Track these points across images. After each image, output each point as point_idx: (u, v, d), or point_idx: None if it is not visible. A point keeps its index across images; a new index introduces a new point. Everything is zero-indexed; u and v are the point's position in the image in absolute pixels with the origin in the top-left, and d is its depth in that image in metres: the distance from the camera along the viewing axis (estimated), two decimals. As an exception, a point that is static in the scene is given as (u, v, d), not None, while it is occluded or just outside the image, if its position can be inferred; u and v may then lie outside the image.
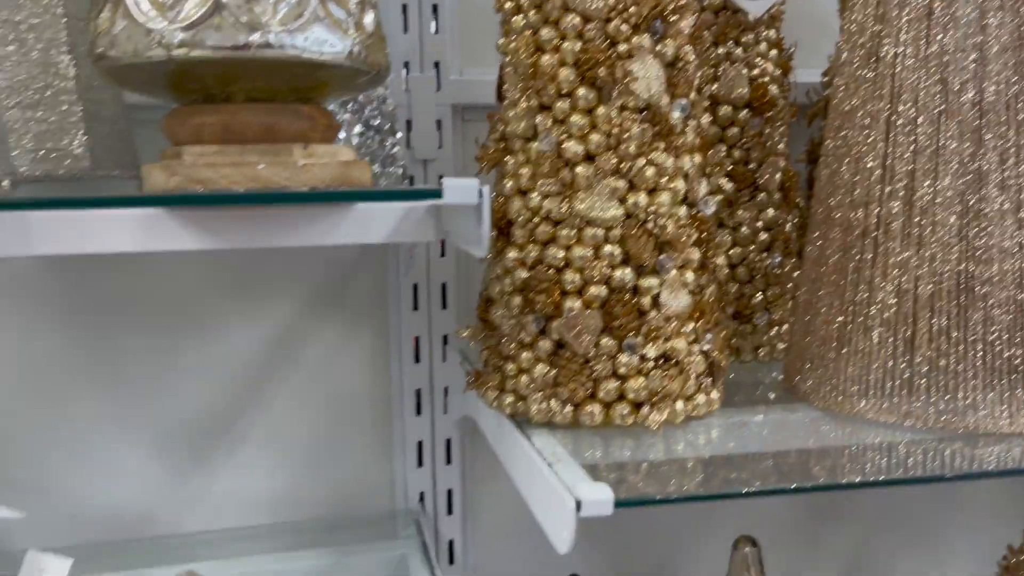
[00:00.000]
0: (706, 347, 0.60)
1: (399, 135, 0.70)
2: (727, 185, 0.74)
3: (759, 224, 0.74)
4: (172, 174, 0.47)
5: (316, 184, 0.49)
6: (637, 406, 0.57)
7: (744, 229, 0.74)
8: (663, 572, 0.93)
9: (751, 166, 0.74)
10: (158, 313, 0.79)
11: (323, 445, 0.83)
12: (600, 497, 0.45)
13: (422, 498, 0.84)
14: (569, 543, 0.46)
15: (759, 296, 0.75)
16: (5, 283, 0.75)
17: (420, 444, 0.84)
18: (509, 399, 0.59)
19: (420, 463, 0.84)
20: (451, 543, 0.85)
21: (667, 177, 0.58)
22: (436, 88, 0.80)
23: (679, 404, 0.58)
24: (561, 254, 0.57)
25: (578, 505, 0.45)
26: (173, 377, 0.80)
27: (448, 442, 0.84)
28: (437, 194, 0.44)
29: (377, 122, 0.67)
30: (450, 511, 0.85)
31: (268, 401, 0.82)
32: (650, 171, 0.57)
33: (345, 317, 0.83)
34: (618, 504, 0.46)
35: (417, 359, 0.83)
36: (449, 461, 0.84)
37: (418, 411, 0.84)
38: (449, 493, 0.85)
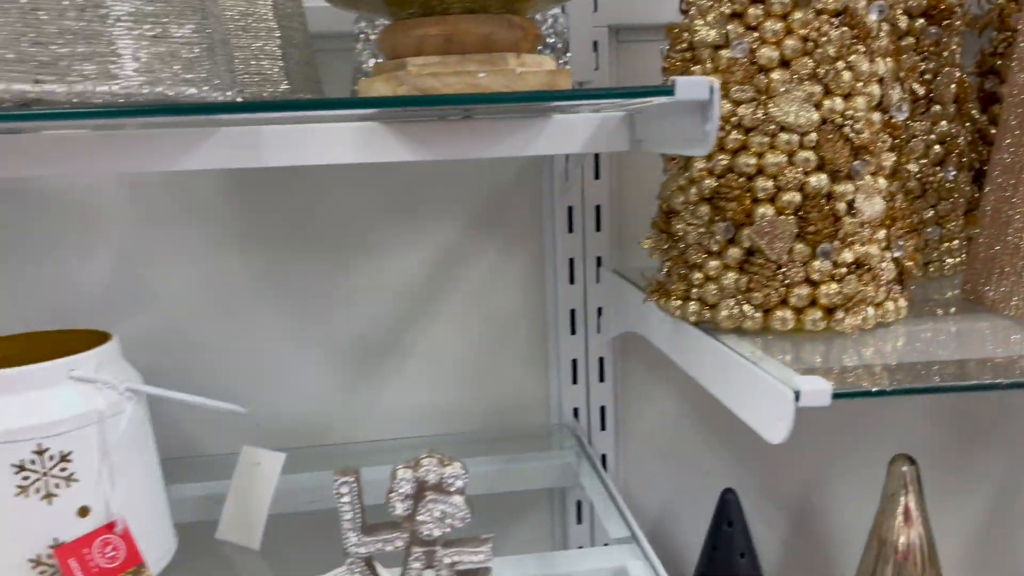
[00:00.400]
0: (897, 254, 0.59)
1: (569, 54, 0.71)
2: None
3: (932, 137, 0.73)
4: (399, 84, 0.50)
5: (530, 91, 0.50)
6: (829, 311, 0.58)
7: (918, 142, 0.72)
8: (813, 492, 0.95)
9: (926, 76, 0.72)
10: (329, 236, 0.83)
11: (482, 362, 0.87)
12: (819, 387, 0.47)
13: (576, 414, 0.87)
14: (785, 433, 0.47)
15: (930, 211, 0.74)
16: (195, 206, 0.81)
17: (574, 362, 0.87)
18: (694, 307, 0.61)
19: (574, 380, 0.87)
20: (604, 457, 0.88)
21: (862, 81, 0.57)
22: (593, 9, 0.80)
23: (870, 310, 0.58)
24: (753, 161, 0.57)
25: (796, 395, 0.47)
26: (343, 296, 0.84)
27: (601, 360, 0.87)
28: (669, 91, 0.45)
29: (552, 40, 0.68)
30: (603, 427, 0.88)
31: (430, 319, 0.86)
32: (847, 75, 0.56)
33: (502, 239, 0.86)
34: (835, 396, 0.47)
35: (572, 280, 0.85)
36: (602, 379, 0.87)
37: (572, 330, 0.86)
38: (602, 410, 0.88)
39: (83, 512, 0.51)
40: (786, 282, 0.57)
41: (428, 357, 0.87)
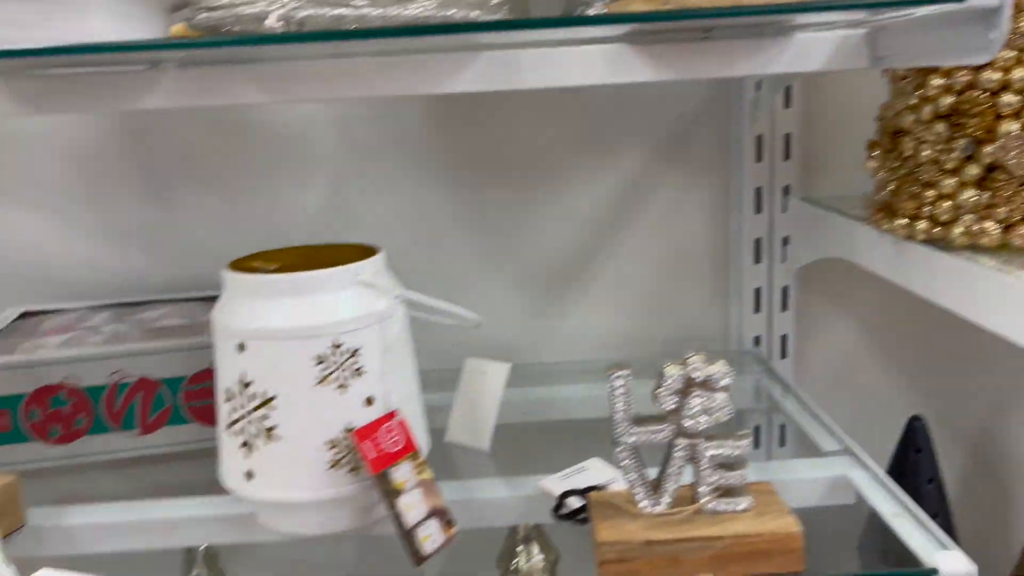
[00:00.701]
0: None
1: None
2: None
3: None
4: (663, 3, 0.52)
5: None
6: (1074, 228, 0.57)
7: None
8: (993, 423, 0.94)
9: None
10: (521, 167, 0.87)
11: (663, 289, 0.90)
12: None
13: (757, 342, 0.89)
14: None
15: None
16: (400, 138, 0.85)
17: (757, 291, 0.88)
18: (923, 225, 0.61)
19: (757, 309, 0.89)
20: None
21: (1123, -8, 0.56)
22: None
23: (1116, 227, 0.58)
24: (997, 76, 0.57)
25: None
26: (533, 224, 0.88)
27: (784, 290, 0.88)
28: (959, -3, 0.46)
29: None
30: (783, 355, 0.89)
31: (615, 247, 0.89)
32: (1108, -15, 0.55)
33: (687, 169, 0.87)
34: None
35: (758, 210, 0.86)
36: (784, 308, 0.88)
37: (756, 259, 0.87)
38: (783, 338, 0.89)
39: (369, 402, 0.56)
40: (1030, 198, 0.57)
41: (611, 284, 0.90)
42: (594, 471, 0.64)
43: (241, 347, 0.55)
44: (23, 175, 0.85)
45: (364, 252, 0.60)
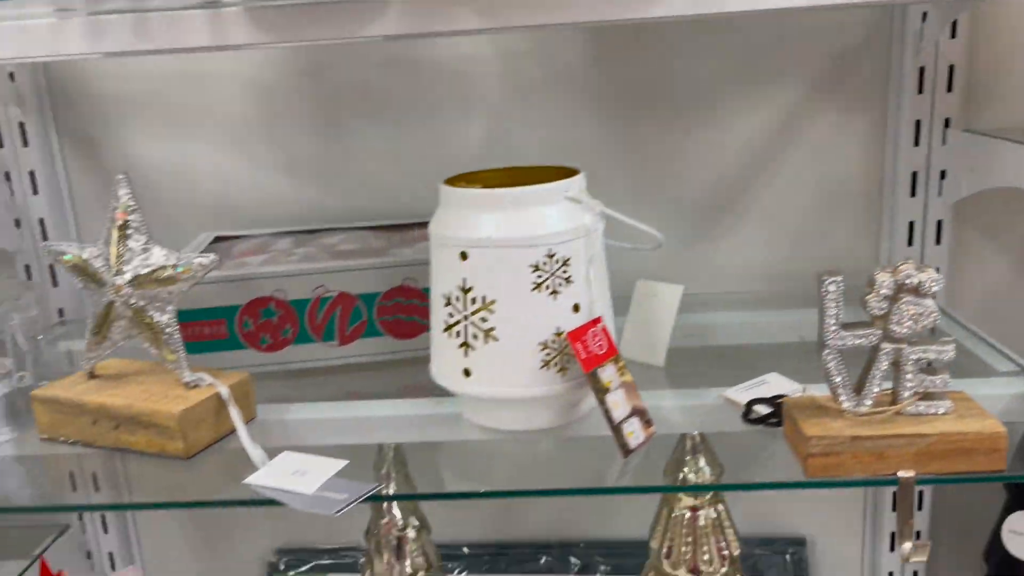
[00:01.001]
0: None
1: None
2: None
3: None
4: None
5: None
6: None
7: None
8: None
9: None
10: (675, 99, 0.89)
11: (815, 222, 0.91)
12: None
13: (908, 275, 0.90)
14: None
15: None
16: (560, 72, 0.88)
17: (911, 225, 0.89)
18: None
19: (910, 242, 0.89)
20: (932, 318, 0.91)
21: None
22: None
23: None
24: None
25: None
26: (685, 156, 0.90)
27: (939, 224, 0.89)
28: None
29: None
30: (935, 288, 0.90)
31: (767, 180, 0.91)
32: None
33: (843, 102, 0.88)
34: None
35: (916, 142, 0.87)
36: (938, 242, 0.89)
37: (912, 192, 0.88)
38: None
39: (576, 308, 0.61)
40: None
41: (762, 216, 0.92)
42: (774, 383, 0.67)
43: (463, 256, 0.60)
44: (212, 111, 0.91)
45: (560, 173, 0.64)
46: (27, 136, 0.90)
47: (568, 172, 0.64)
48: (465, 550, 1.01)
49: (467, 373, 0.62)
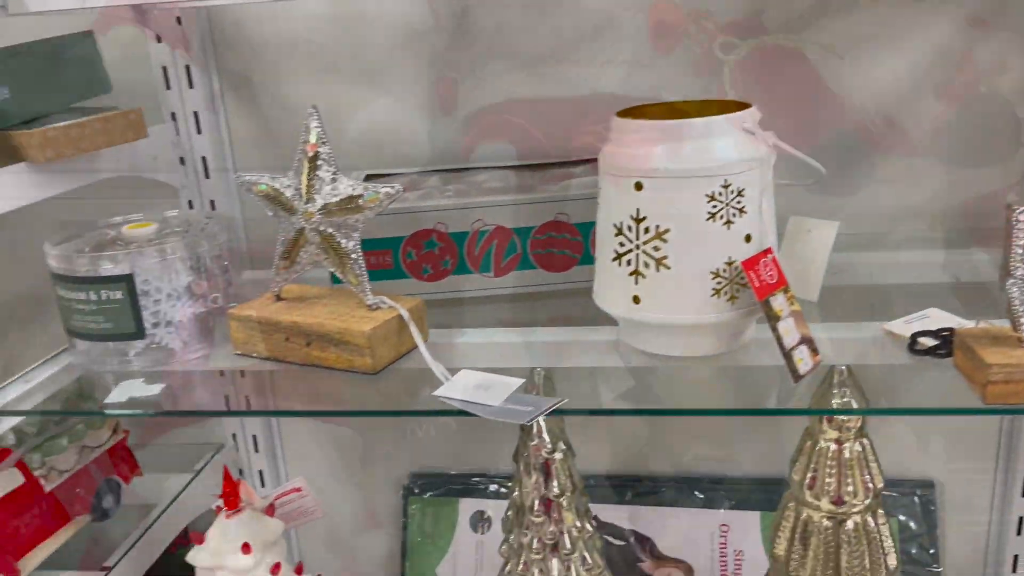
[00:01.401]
0: None
1: None
2: None
3: None
4: None
5: None
6: None
7: None
8: None
9: None
10: (823, 32, 0.88)
11: (949, 162, 0.90)
12: None
13: (1060, 217, 0.88)
14: None
15: None
16: (700, 8, 0.89)
17: (1067, 165, 0.87)
18: None
19: (1065, 183, 0.87)
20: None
21: None
22: None
23: None
24: None
25: None
26: (822, 95, 0.89)
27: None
28: None
29: None
30: (1089, 231, 0.88)
31: (902, 121, 0.89)
32: None
33: (1000, 42, 0.86)
34: None
35: (1079, 79, 0.84)
36: (1097, 183, 0.87)
37: (1071, 132, 0.86)
38: (1091, 214, 0.88)
39: (748, 239, 0.63)
40: None
41: (901, 159, 0.91)
42: (937, 317, 0.68)
43: (638, 186, 0.62)
44: (360, 53, 0.95)
45: (721, 107, 0.65)
46: (192, 78, 0.96)
47: (730, 106, 0.65)
48: (590, 481, 1.05)
49: (636, 300, 0.64)
